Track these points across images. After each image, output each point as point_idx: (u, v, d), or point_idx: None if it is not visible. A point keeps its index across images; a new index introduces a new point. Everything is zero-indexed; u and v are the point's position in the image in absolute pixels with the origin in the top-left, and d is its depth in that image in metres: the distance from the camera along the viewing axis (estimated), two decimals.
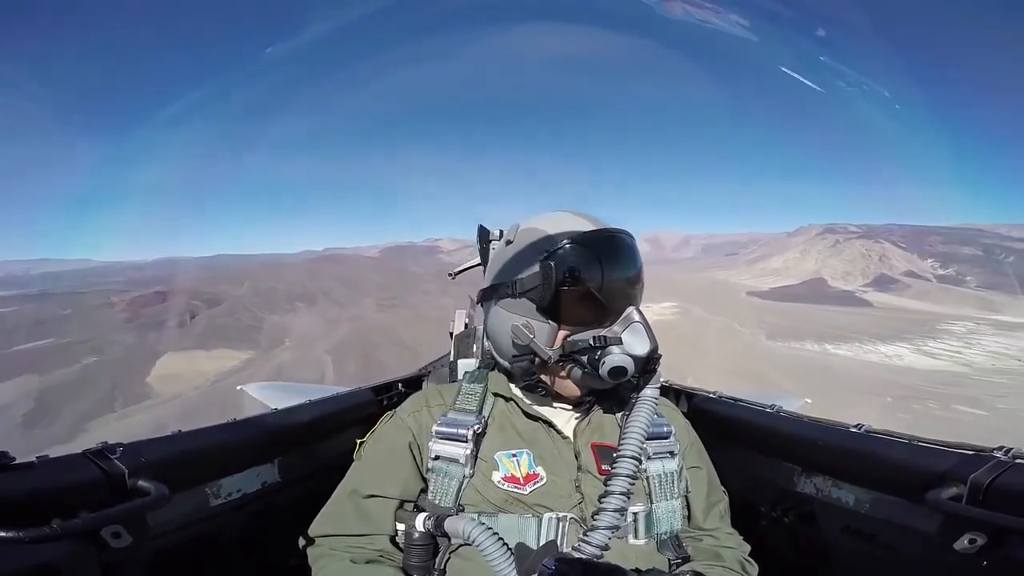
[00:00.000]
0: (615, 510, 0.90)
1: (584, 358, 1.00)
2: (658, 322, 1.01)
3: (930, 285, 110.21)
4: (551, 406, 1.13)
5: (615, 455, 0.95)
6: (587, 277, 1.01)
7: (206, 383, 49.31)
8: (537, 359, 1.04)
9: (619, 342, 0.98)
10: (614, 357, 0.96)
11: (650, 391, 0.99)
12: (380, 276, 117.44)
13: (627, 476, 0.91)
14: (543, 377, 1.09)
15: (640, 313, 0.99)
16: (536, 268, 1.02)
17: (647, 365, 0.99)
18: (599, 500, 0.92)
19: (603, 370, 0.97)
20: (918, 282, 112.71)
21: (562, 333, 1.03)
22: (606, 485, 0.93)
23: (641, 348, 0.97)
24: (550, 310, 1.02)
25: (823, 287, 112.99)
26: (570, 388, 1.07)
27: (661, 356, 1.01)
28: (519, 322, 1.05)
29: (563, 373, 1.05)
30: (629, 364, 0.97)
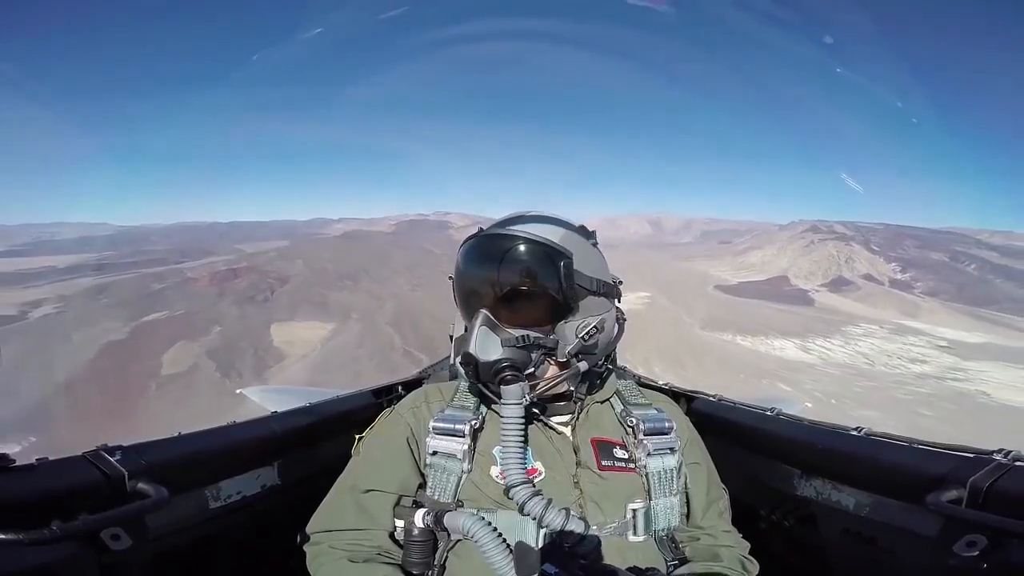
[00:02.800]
0: (588, 526, 0.95)
1: None
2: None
3: (880, 289, 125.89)
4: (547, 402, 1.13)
5: (509, 488, 0.96)
6: (455, 280, 1.11)
7: (317, 347, 68.14)
8: None
9: (466, 343, 1.03)
10: (462, 352, 1.02)
11: (507, 409, 0.97)
12: (402, 254, 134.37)
13: (533, 501, 0.92)
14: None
15: (484, 317, 1.01)
16: None
17: (467, 369, 1.01)
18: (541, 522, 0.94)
19: None
20: (871, 285, 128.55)
21: None
22: (522, 512, 0.94)
23: (456, 352, 1.03)
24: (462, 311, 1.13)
25: (783, 285, 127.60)
26: None
27: (505, 364, 0.98)
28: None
29: None
30: (458, 367, 1.05)
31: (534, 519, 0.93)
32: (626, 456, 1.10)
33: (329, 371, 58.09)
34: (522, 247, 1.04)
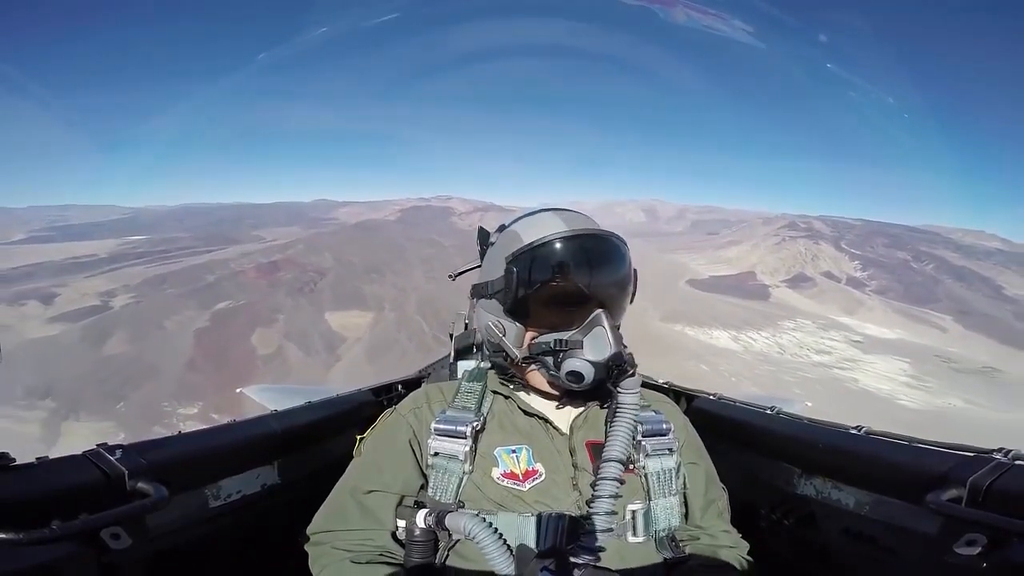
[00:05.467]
0: (606, 513, 0.94)
1: (549, 359, 1.08)
2: None
3: (835, 286, 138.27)
4: (546, 401, 1.18)
5: (601, 461, 0.99)
6: (545, 281, 1.06)
7: (367, 332, 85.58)
8: (508, 357, 1.13)
9: (579, 346, 1.04)
10: (572, 362, 1.04)
11: (628, 397, 1.01)
12: (414, 246, 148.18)
13: (612, 479, 0.96)
14: (517, 374, 1.18)
15: (607, 317, 1.04)
16: (502, 271, 1.09)
17: (611, 369, 1.02)
18: (588, 504, 0.97)
19: (562, 373, 1.05)
20: (828, 283, 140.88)
21: (531, 333, 1.12)
22: (593, 489, 0.97)
23: (599, 354, 1.02)
24: (515, 312, 1.11)
25: (748, 280, 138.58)
26: (545, 385, 1.15)
27: (630, 356, 1.03)
28: (492, 321, 1.15)
29: (532, 372, 1.14)
30: (586, 369, 1.03)
31: (594, 502, 0.96)
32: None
33: (382, 351, 75.71)
34: (623, 248, 1.14)
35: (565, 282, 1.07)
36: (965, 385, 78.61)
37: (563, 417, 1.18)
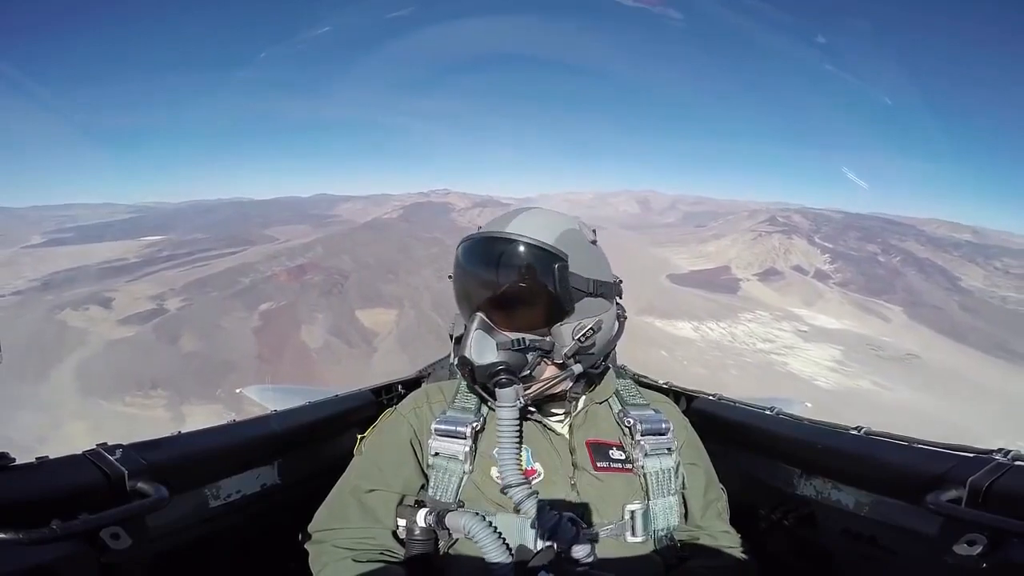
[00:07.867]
0: (567, 520, 1.00)
1: None
2: None
3: (802, 279, 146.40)
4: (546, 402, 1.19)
5: (506, 488, 1.05)
6: (453, 281, 1.17)
7: (395, 327, 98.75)
8: None
9: (462, 347, 1.11)
10: (459, 356, 1.10)
11: (503, 412, 1.05)
12: (418, 244, 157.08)
13: (528, 498, 1.02)
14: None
15: (478, 321, 1.07)
16: None
17: (480, 374, 1.06)
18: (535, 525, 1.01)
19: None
20: (796, 276, 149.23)
21: None
22: (518, 512, 1.04)
23: (457, 354, 1.08)
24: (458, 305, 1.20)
25: (722, 275, 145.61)
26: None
27: (500, 368, 1.05)
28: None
29: None
30: (462, 368, 1.10)
31: (530, 523, 1.00)
32: (623, 457, 1.15)
33: (410, 344, 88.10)
34: (518, 249, 1.08)
35: (459, 283, 1.15)
36: (882, 370, 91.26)
37: (560, 418, 1.22)
